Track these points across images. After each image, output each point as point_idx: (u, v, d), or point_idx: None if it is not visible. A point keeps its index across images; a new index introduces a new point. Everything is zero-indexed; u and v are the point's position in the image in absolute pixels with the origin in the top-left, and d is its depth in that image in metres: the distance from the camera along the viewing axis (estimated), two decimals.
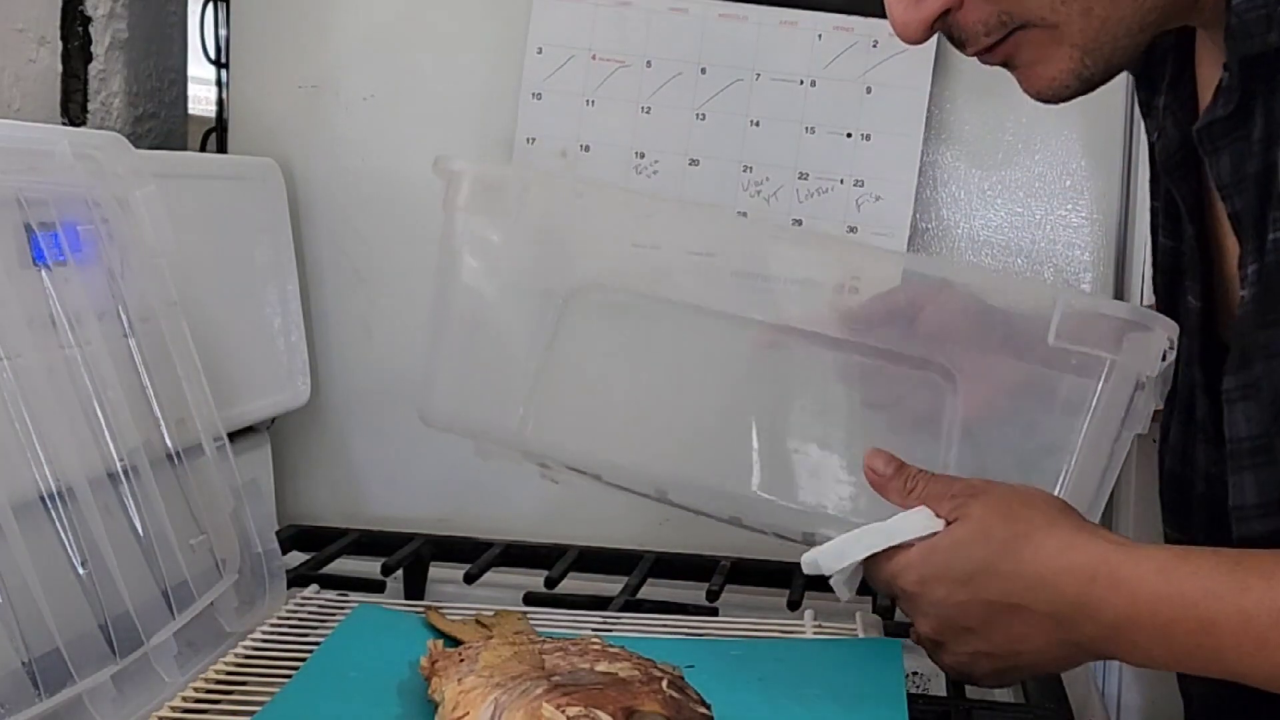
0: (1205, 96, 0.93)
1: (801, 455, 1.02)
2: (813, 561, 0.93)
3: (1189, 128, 0.90)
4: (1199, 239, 0.94)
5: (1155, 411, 0.95)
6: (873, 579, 0.92)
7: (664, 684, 0.78)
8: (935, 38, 0.90)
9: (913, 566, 0.87)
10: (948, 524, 0.87)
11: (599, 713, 0.73)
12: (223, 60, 1.53)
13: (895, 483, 0.91)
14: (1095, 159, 1.31)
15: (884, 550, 0.89)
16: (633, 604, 1.16)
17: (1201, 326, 0.94)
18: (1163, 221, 1.00)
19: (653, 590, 1.23)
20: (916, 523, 0.88)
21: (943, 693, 1.01)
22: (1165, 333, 0.91)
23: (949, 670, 0.91)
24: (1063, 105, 1.00)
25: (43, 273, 0.90)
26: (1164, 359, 0.92)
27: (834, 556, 0.91)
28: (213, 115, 1.58)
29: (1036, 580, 0.83)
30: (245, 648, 0.99)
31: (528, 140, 1.34)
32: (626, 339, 1.05)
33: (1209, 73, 0.92)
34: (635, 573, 1.24)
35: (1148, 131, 1.03)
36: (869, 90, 1.30)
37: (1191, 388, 0.96)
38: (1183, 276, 0.97)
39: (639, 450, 1.04)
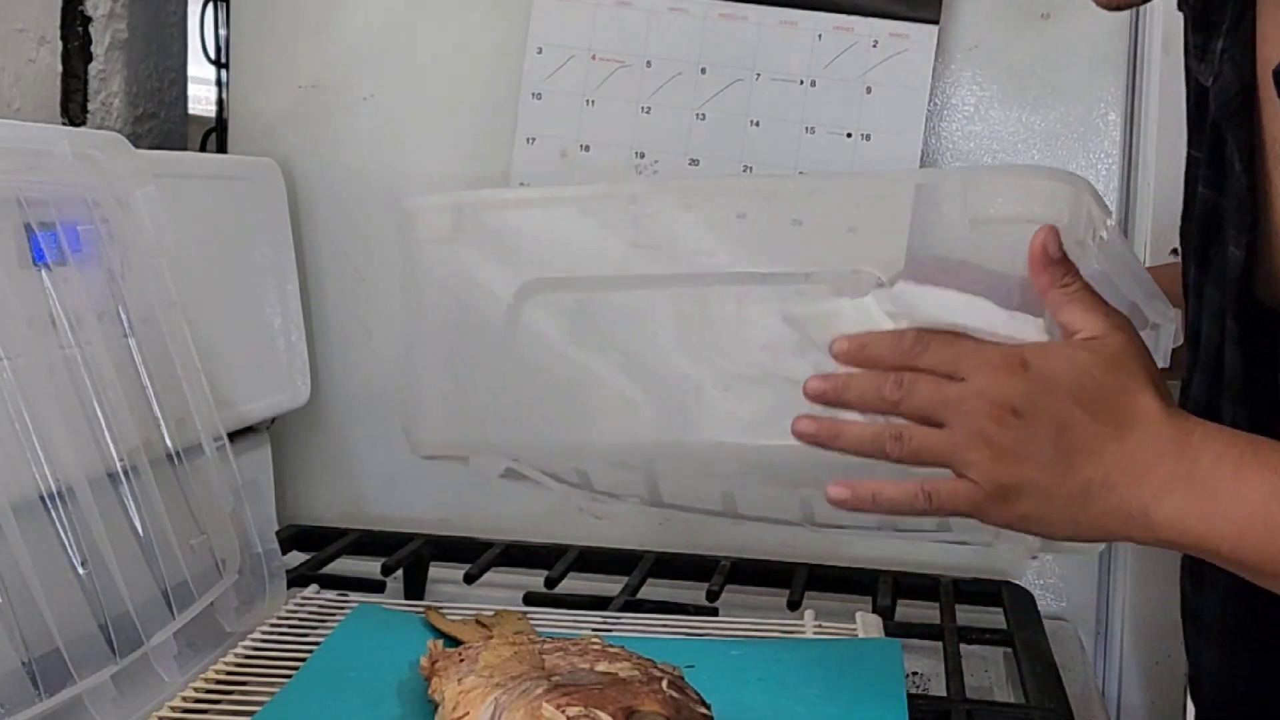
0: (1267, 43, 0.90)
1: (772, 396, 0.99)
2: (900, 297, 0.80)
3: (1249, 73, 0.87)
4: (1249, 189, 0.91)
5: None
6: (952, 354, 0.81)
7: (664, 684, 0.78)
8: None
9: (1047, 349, 0.81)
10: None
11: (599, 713, 0.73)
12: (223, 60, 1.53)
13: None
14: (1095, 158, 1.31)
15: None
16: (633, 604, 1.16)
17: (1239, 279, 0.91)
18: (1205, 171, 0.97)
19: (653, 590, 1.23)
20: (1035, 325, 0.81)
21: (943, 693, 1.01)
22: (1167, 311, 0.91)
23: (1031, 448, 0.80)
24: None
25: (43, 273, 0.90)
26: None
27: (935, 306, 0.79)
28: (213, 115, 1.58)
29: (1141, 394, 0.80)
30: (245, 648, 0.99)
31: (528, 140, 1.34)
32: (587, 332, 1.05)
33: (1274, 18, 0.89)
34: (635, 573, 1.24)
35: (1200, 76, 0.98)
36: (869, 90, 1.30)
37: (1220, 341, 0.93)
38: (1220, 229, 0.94)
39: (618, 429, 1.03)
